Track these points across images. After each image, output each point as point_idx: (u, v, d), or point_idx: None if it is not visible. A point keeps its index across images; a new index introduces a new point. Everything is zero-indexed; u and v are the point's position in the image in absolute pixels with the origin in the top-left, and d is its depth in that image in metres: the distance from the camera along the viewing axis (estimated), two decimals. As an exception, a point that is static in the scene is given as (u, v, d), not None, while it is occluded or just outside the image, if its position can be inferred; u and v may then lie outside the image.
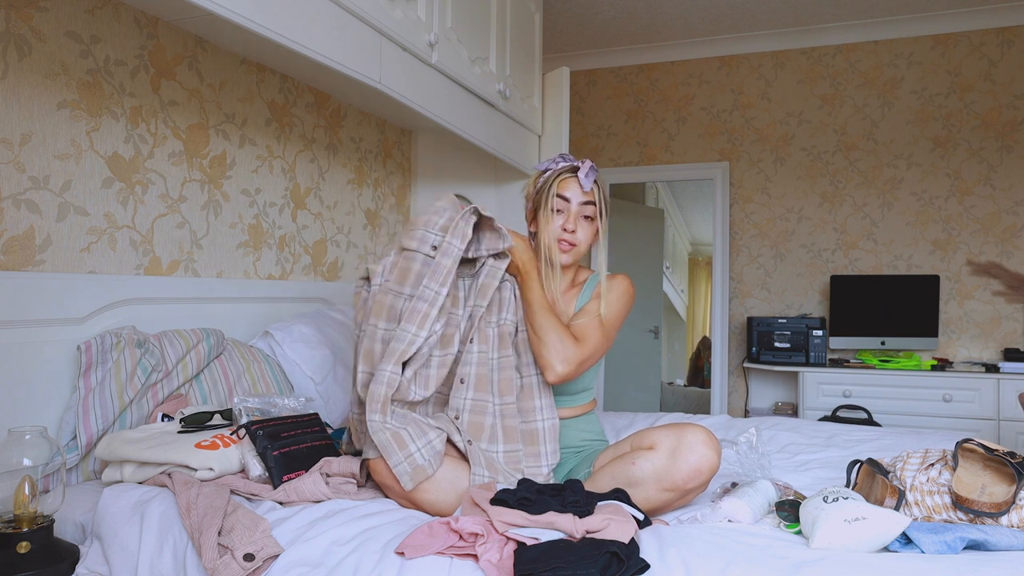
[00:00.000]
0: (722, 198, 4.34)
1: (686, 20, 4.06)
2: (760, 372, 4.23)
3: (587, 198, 1.64)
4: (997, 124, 3.88)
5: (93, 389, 1.53)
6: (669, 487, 1.34)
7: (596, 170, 1.67)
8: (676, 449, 1.34)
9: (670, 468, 1.33)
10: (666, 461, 1.34)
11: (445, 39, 2.38)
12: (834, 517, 1.15)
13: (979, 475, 1.27)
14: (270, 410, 1.60)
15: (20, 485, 1.20)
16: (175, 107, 1.95)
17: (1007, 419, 3.46)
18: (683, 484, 1.33)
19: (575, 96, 4.65)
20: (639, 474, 1.35)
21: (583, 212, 1.65)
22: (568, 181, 1.65)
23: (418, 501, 1.36)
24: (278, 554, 1.17)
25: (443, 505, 1.37)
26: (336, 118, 2.66)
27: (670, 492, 1.34)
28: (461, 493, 1.36)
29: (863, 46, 4.12)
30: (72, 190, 1.66)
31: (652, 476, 1.34)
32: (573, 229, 1.64)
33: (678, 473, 1.33)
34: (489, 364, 1.51)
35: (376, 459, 1.36)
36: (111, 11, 1.75)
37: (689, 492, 1.36)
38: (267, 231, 2.31)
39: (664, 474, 1.33)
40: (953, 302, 3.93)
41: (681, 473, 1.32)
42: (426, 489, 1.35)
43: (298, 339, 2.07)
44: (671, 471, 1.33)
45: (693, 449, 1.33)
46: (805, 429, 2.25)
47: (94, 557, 1.26)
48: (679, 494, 1.35)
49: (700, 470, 1.33)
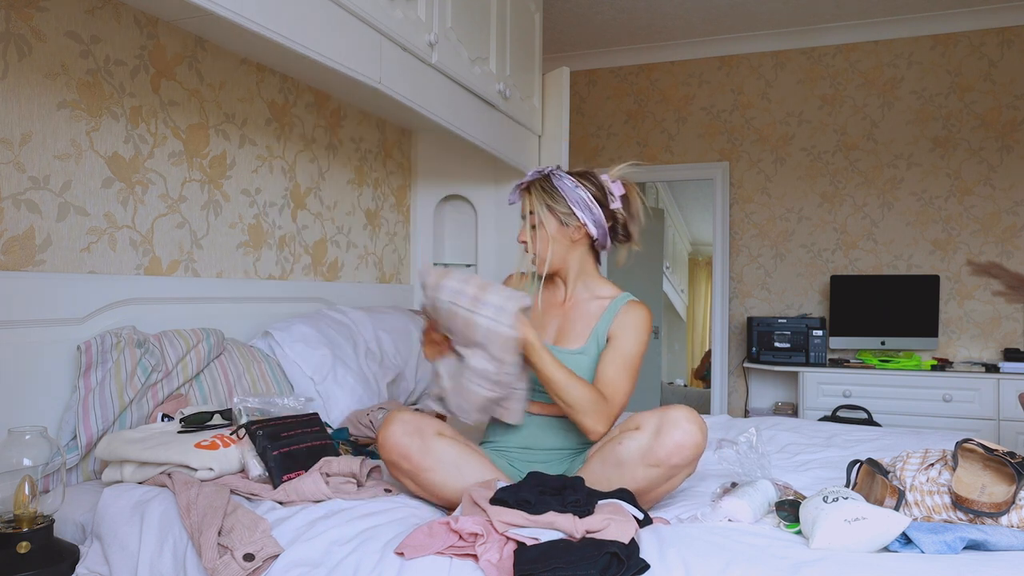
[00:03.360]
0: (722, 198, 4.33)
1: (686, 20, 4.06)
2: (760, 372, 4.23)
3: (526, 209, 1.67)
4: (997, 124, 3.88)
5: (93, 389, 1.53)
6: (653, 462, 1.36)
7: (536, 176, 1.66)
8: (660, 426, 1.37)
9: (654, 444, 1.36)
10: (651, 438, 1.37)
11: (445, 39, 2.38)
12: (834, 517, 1.15)
13: (979, 475, 1.27)
14: (270, 410, 1.60)
15: (20, 485, 1.20)
16: (175, 107, 1.95)
17: (1007, 419, 3.46)
18: (667, 459, 1.35)
19: (575, 96, 4.65)
20: (625, 453, 1.38)
21: (531, 222, 1.67)
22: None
23: (423, 482, 1.41)
24: (278, 554, 1.17)
25: (446, 488, 1.40)
26: (336, 118, 2.66)
27: (655, 468, 1.36)
28: (465, 479, 1.39)
29: (863, 46, 4.11)
30: (72, 190, 1.66)
31: (637, 453, 1.37)
32: (523, 240, 1.68)
33: (662, 448, 1.35)
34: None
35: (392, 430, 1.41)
36: (111, 11, 1.75)
37: (675, 469, 1.37)
38: (267, 231, 2.31)
39: (648, 451, 1.36)
40: (953, 302, 3.93)
41: (665, 447, 1.35)
42: (431, 469, 1.39)
43: (298, 339, 2.07)
44: (655, 447, 1.35)
45: (677, 424, 1.36)
46: (805, 429, 2.25)
47: (94, 557, 1.26)
48: (665, 470, 1.36)
49: (683, 444, 1.35)
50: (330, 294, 2.57)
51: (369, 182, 2.89)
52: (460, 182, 3.23)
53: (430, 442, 1.41)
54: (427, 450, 1.40)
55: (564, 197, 1.63)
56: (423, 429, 1.42)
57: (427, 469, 1.39)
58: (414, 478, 1.41)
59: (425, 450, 1.40)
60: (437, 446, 1.41)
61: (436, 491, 1.41)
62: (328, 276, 2.64)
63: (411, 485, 1.43)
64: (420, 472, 1.40)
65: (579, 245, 1.68)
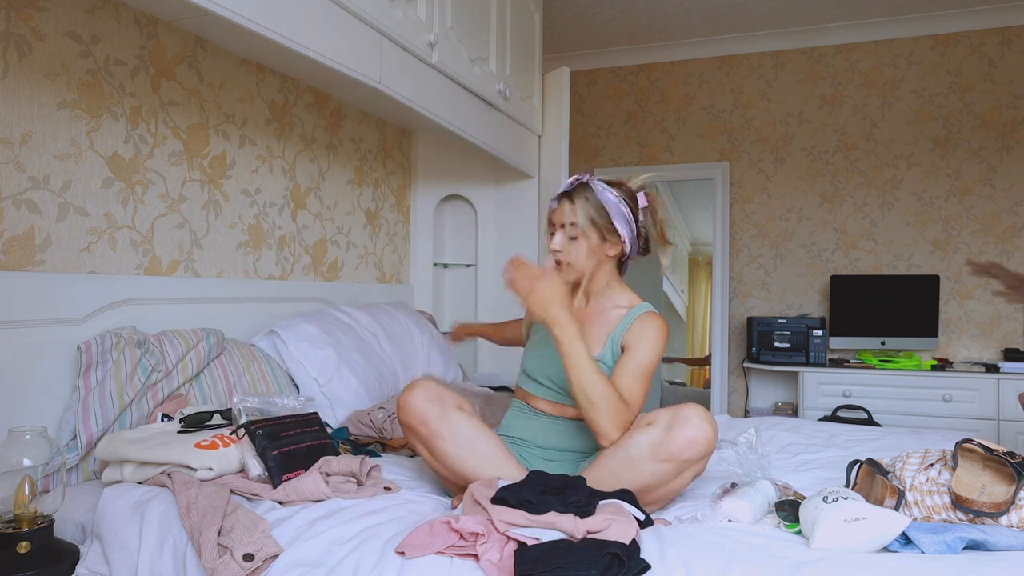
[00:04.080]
0: (722, 198, 4.33)
1: (686, 20, 4.06)
2: (760, 372, 4.23)
3: (568, 219, 1.61)
4: (997, 124, 3.88)
5: (93, 389, 1.53)
6: (665, 457, 1.36)
7: (577, 186, 1.61)
8: (672, 422, 1.37)
9: (666, 439, 1.36)
10: (663, 433, 1.37)
11: (445, 39, 2.38)
12: (834, 517, 1.15)
13: (979, 475, 1.27)
14: (270, 410, 1.60)
15: (20, 485, 1.20)
16: (175, 107, 1.95)
17: (1007, 419, 3.46)
18: (679, 454, 1.35)
19: (575, 96, 4.65)
20: (635, 447, 1.38)
21: (569, 233, 1.62)
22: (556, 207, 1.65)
23: (436, 450, 1.45)
24: (278, 554, 1.17)
25: (457, 461, 1.43)
26: (336, 118, 2.66)
27: (667, 463, 1.36)
28: (478, 454, 1.43)
29: (863, 46, 4.11)
30: (72, 190, 1.66)
31: (648, 448, 1.37)
32: (557, 249, 1.62)
33: (674, 443, 1.35)
34: None
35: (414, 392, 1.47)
36: (111, 11, 1.75)
37: (685, 464, 1.37)
38: (267, 231, 2.31)
39: (660, 445, 1.36)
40: (953, 302, 3.93)
41: (677, 443, 1.35)
42: (446, 438, 1.43)
43: (303, 338, 2.06)
44: (667, 441, 1.35)
45: (689, 421, 1.36)
46: (805, 429, 2.25)
47: (94, 557, 1.26)
48: (676, 465, 1.36)
49: (696, 440, 1.35)
50: (330, 294, 2.57)
51: (369, 182, 2.89)
52: (460, 182, 3.23)
53: (449, 412, 1.45)
54: (445, 418, 1.44)
55: (608, 213, 1.60)
56: (444, 398, 1.46)
57: (442, 437, 1.43)
58: (428, 444, 1.45)
59: (443, 418, 1.44)
60: (455, 417, 1.45)
61: (447, 462, 1.44)
62: (328, 276, 2.64)
63: (424, 452, 1.47)
64: (434, 439, 1.43)
65: (612, 259, 1.66)
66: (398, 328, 2.50)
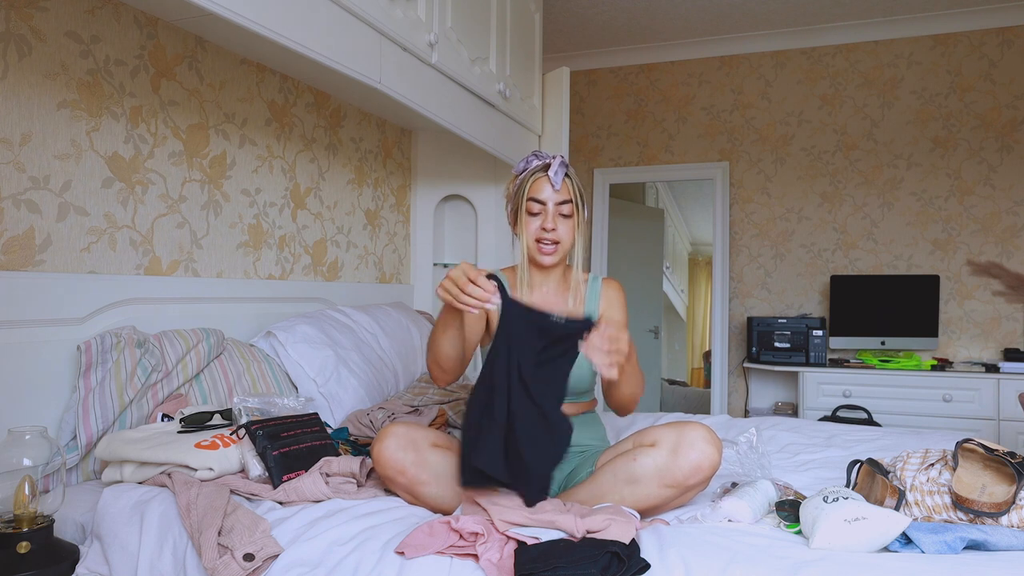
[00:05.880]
0: (722, 198, 4.33)
1: (686, 20, 4.06)
2: (760, 372, 4.23)
3: (561, 196, 1.61)
4: (997, 124, 3.88)
5: (93, 389, 1.53)
6: (670, 483, 1.34)
7: (567, 165, 1.64)
8: (678, 445, 1.35)
9: (671, 464, 1.34)
10: (668, 457, 1.34)
11: (445, 39, 2.38)
12: (834, 517, 1.15)
13: (979, 475, 1.27)
14: (270, 410, 1.60)
15: (20, 485, 1.20)
16: (175, 107, 1.95)
17: (1007, 419, 3.46)
18: (684, 480, 1.34)
19: (575, 96, 4.65)
20: (640, 470, 1.35)
21: (560, 211, 1.62)
22: (540, 181, 1.62)
23: (420, 495, 1.39)
24: (278, 554, 1.17)
25: (443, 500, 1.39)
26: (336, 118, 2.66)
27: (671, 488, 1.35)
28: (460, 490, 1.38)
29: (863, 46, 4.11)
30: (72, 190, 1.66)
31: (654, 472, 1.34)
32: (553, 227, 1.61)
33: (679, 469, 1.33)
34: None
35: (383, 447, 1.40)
36: (111, 11, 1.75)
37: (690, 489, 1.36)
38: (267, 231, 2.31)
39: (666, 470, 1.34)
40: (953, 302, 3.93)
41: (682, 469, 1.33)
42: (427, 483, 1.38)
43: (301, 339, 2.06)
44: (672, 467, 1.33)
45: (694, 445, 1.34)
46: (805, 429, 2.25)
47: (94, 557, 1.26)
48: (680, 490, 1.35)
49: (701, 466, 1.33)
50: (330, 294, 2.57)
51: (369, 182, 2.89)
52: (460, 182, 3.23)
53: (425, 454, 1.40)
54: (421, 463, 1.39)
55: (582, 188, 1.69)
56: (417, 441, 1.41)
57: (423, 483, 1.38)
58: (411, 491, 1.40)
59: (419, 463, 1.39)
60: (432, 458, 1.40)
61: (432, 504, 1.40)
62: (328, 276, 2.64)
63: (408, 498, 1.42)
64: (416, 486, 1.39)
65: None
66: (397, 328, 2.50)
